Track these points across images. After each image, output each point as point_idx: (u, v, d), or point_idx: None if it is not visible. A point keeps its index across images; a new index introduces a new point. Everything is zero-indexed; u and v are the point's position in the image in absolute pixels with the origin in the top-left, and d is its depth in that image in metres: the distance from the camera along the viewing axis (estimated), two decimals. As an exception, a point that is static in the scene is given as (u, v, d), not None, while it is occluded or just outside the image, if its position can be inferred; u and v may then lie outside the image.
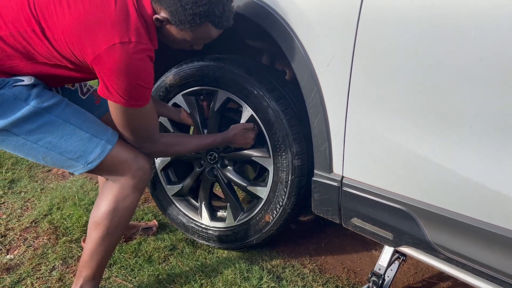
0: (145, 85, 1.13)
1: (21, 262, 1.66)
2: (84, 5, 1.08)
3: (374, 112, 1.12)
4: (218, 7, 1.12)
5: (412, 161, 1.10)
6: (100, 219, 1.27)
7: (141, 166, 1.27)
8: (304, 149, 1.42)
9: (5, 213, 2.00)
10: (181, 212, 1.80)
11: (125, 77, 1.08)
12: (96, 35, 1.06)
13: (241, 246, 1.68)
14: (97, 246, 1.29)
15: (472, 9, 0.91)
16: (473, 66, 0.93)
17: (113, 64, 1.07)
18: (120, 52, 1.06)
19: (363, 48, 1.09)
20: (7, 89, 1.13)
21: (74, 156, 1.21)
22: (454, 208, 1.05)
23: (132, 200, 1.28)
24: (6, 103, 1.12)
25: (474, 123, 0.97)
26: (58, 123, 1.18)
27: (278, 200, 1.50)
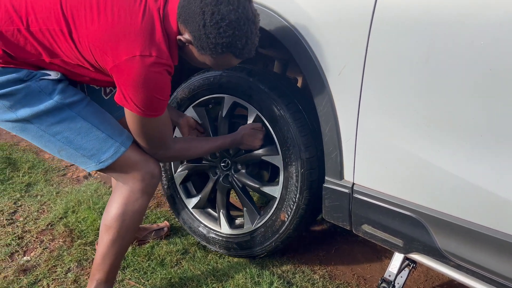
0: (161, 97, 1.17)
1: (38, 264, 1.70)
2: (113, 16, 1.12)
3: (385, 121, 1.14)
4: (241, 40, 1.12)
5: (422, 169, 1.11)
6: (111, 222, 1.31)
7: (150, 170, 1.31)
8: (311, 142, 1.44)
9: (22, 215, 2.05)
10: (202, 223, 1.82)
11: (141, 89, 1.12)
12: (119, 45, 1.10)
13: (261, 251, 1.66)
14: (108, 249, 1.33)
15: (482, 20, 0.93)
16: (483, 76, 0.95)
17: (130, 75, 1.10)
18: (139, 65, 1.09)
19: (374, 57, 1.11)
20: (34, 81, 1.18)
21: (88, 154, 1.25)
22: (464, 216, 1.07)
23: (141, 203, 1.32)
24: (31, 95, 1.18)
25: (485, 132, 0.99)
26: (77, 120, 1.23)
27: (291, 196, 1.50)
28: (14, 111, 1.18)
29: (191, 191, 1.88)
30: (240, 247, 1.70)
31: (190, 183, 1.88)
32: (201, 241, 1.83)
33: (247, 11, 1.11)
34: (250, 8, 1.13)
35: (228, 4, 1.08)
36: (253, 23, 1.13)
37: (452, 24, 0.97)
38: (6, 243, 1.82)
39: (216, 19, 1.08)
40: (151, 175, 1.32)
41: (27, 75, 1.17)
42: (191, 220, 1.85)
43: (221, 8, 1.07)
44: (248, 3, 1.13)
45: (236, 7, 1.09)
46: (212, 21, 1.08)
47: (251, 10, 1.13)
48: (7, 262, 1.71)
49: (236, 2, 1.09)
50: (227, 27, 1.08)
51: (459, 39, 0.96)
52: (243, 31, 1.11)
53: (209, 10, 1.08)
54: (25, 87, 1.17)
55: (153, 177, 1.32)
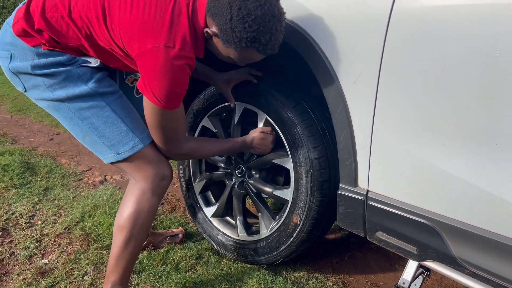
0: (178, 90, 1.21)
1: (55, 267, 1.74)
2: (144, 8, 1.18)
3: (400, 128, 1.15)
4: (265, 36, 1.16)
5: (437, 177, 1.12)
6: (123, 222, 1.36)
7: (161, 172, 1.36)
8: (319, 142, 1.45)
9: (40, 219, 2.09)
10: (220, 231, 1.84)
11: (161, 79, 1.16)
12: (146, 34, 1.16)
13: (277, 257, 1.66)
14: (122, 250, 1.37)
15: (498, 29, 0.94)
16: (499, 85, 0.96)
17: (153, 64, 1.15)
18: (162, 55, 1.14)
19: (389, 66, 1.13)
20: (75, 67, 1.29)
21: (109, 143, 1.32)
22: (479, 224, 1.07)
23: (151, 203, 1.37)
24: (70, 79, 1.28)
25: (501, 141, 0.99)
26: (106, 109, 1.31)
27: (302, 198, 1.51)
28: (52, 91, 1.29)
29: (210, 200, 1.91)
30: (257, 254, 1.71)
31: (209, 192, 1.92)
32: (220, 250, 1.84)
33: (273, 8, 1.15)
34: (277, 5, 1.17)
35: (255, 1, 1.13)
36: (278, 21, 1.17)
37: (468, 33, 0.98)
38: (25, 246, 1.86)
39: (242, 14, 1.12)
40: (161, 176, 1.37)
41: (70, 59, 1.28)
42: (210, 229, 1.87)
43: (248, 4, 1.12)
44: (275, 1, 1.17)
45: (263, 4, 1.13)
46: (238, 16, 1.13)
47: (277, 7, 1.17)
48: (26, 264, 1.75)
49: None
50: (252, 22, 1.13)
51: (474, 48, 0.97)
52: (268, 28, 1.15)
53: (237, 5, 1.13)
54: (66, 70, 1.27)
55: (163, 179, 1.37)
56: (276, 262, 1.70)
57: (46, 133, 3.37)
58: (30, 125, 3.56)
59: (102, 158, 1.36)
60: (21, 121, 3.68)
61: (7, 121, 3.68)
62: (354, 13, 1.17)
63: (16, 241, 1.90)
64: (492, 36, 0.94)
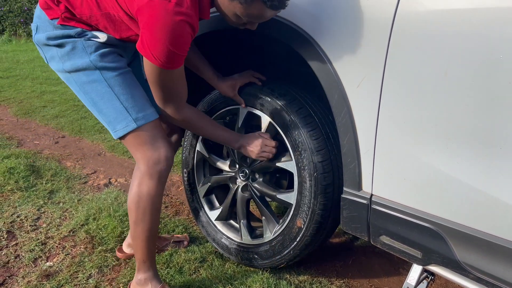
0: (176, 50, 1.17)
1: (60, 269, 1.74)
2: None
3: (404, 132, 1.15)
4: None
5: (441, 181, 1.12)
6: (129, 202, 1.43)
7: (155, 155, 1.37)
8: (323, 145, 1.45)
9: (45, 222, 2.10)
10: (224, 235, 1.84)
11: (157, 34, 1.13)
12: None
13: (280, 260, 1.66)
14: (134, 229, 1.45)
15: (501, 34, 0.94)
16: (502, 89, 0.96)
17: (150, 18, 1.13)
18: (158, 8, 1.11)
19: (393, 69, 1.13)
20: (82, 40, 1.32)
21: (107, 120, 1.37)
22: (484, 228, 1.06)
23: (149, 187, 1.38)
24: (76, 51, 1.33)
25: (504, 145, 0.99)
26: (103, 85, 1.33)
27: (305, 201, 1.51)
28: (63, 62, 1.35)
29: (214, 203, 1.91)
30: (261, 257, 1.71)
31: (213, 195, 1.92)
32: (224, 253, 1.84)
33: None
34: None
35: None
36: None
37: (471, 38, 0.98)
38: (30, 248, 1.87)
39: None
40: (156, 160, 1.37)
41: (79, 33, 1.32)
42: (214, 232, 1.87)
43: None
44: None
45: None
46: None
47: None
48: (30, 267, 1.76)
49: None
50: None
51: (477, 52, 0.98)
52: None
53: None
54: (73, 41, 1.32)
55: (158, 162, 1.37)
56: (280, 266, 1.70)
57: (51, 136, 3.39)
58: (35, 128, 3.58)
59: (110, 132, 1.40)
60: (26, 124, 3.70)
61: (13, 124, 3.71)
62: (358, 17, 1.17)
63: (21, 244, 1.91)
64: (496, 39, 0.95)
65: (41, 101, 4.33)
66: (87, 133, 3.44)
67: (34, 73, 5.59)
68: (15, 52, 7.34)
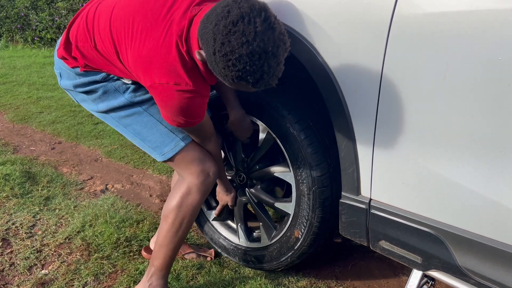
0: (189, 119, 1.25)
1: (55, 277, 1.72)
2: (139, 44, 1.19)
3: (402, 137, 1.14)
4: (255, 75, 1.01)
5: (441, 185, 1.11)
6: (167, 212, 1.44)
7: (205, 169, 1.42)
8: (321, 159, 1.43)
9: (40, 229, 2.08)
10: (222, 235, 1.84)
11: (168, 112, 1.23)
12: (143, 73, 1.20)
13: (278, 265, 1.67)
14: (164, 237, 1.46)
15: (500, 36, 0.93)
16: (501, 92, 0.95)
17: (156, 98, 1.23)
18: (160, 90, 1.18)
19: (391, 73, 1.12)
20: (111, 82, 1.38)
21: (153, 146, 1.42)
22: (484, 233, 1.05)
23: (194, 198, 1.42)
24: (108, 93, 1.39)
25: (505, 148, 0.98)
26: (144, 115, 1.39)
27: (303, 214, 1.50)
28: (96, 104, 1.42)
29: (211, 203, 1.90)
30: (258, 261, 1.71)
31: (211, 195, 1.89)
32: (222, 252, 1.85)
33: (266, 43, 0.98)
34: (272, 38, 0.99)
35: (242, 36, 0.96)
36: (273, 56, 1.00)
37: (470, 40, 0.97)
38: (25, 256, 1.85)
39: (225, 51, 0.98)
40: (206, 173, 1.42)
41: (105, 77, 1.37)
42: (212, 232, 1.87)
43: (231, 40, 0.97)
44: (271, 32, 0.99)
45: (251, 39, 0.96)
46: (221, 52, 0.99)
47: (273, 41, 0.99)
48: (25, 275, 1.74)
49: (252, 33, 0.96)
50: (236, 61, 0.98)
51: (476, 55, 0.97)
52: (257, 66, 0.99)
53: (220, 39, 0.98)
54: (102, 86, 1.38)
55: (208, 176, 1.43)
56: (278, 270, 1.70)
57: (47, 142, 3.36)
58: (32, 134, 3.56)
59: (154, 157, 1.44)
60: (23, 130, 3.68)
61: (9, 130, 3.68)
62: (355, 21, 1.17)
63: (16, 252, 1.89)
64: (495, 42, 0.94)
65: (37, 107, 4.31)
66: (83, 138, 3.42)
67: (30, 79, 5.57)
68: (12, 58, 7.32)
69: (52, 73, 5.88)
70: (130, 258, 1.84)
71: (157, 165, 2.87)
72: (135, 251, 1.89)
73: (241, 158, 1.69)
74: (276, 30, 1.00)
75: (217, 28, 0.99)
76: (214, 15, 1.02)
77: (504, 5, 0.92)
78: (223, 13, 0.99)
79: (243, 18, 0.97)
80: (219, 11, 1.01)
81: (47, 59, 7.05)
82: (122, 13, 1.24)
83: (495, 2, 0.93)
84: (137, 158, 3.00)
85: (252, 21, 0.97)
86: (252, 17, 0.97)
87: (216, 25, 1.00)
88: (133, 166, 2.90)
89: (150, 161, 2.94)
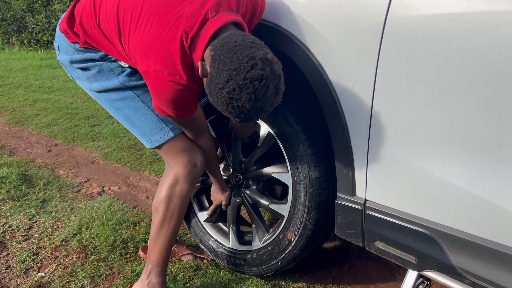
0: (179, 112, 1.24)
1: (52, 280, 1.72)
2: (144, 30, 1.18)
3: (397, 137, 1.15)
4: (243, 118, 1.09)
5: (435, 186, 1.11)
6: (157, 204, 1.46)
7: (193, 159, 1.44)
8: (321, 161, 1.44)
9: (37, 231, 2.08)
10: (212, 237, 1.83)
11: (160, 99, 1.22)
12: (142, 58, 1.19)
13: (267, 269, 1.65)
14: (157, 230, 1.47)
15: (492, 37, 0.94)
16: (493, 92, 0.96)
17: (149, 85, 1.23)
18: (153, 78, 1.18)
19: (385, 75, 1.13)
20: (108, 62, 1.38)
21: (141, 132, 1.43)
22: (478, 232, 1.06)
23: (182, 188, 1.43)
24: (103, 73, 1.39)
25: (497, 148, 0.99)
26: (136, 100, 1.40)
27: (298, 215, 1.50)
28: (90, 83, 1.43)
29: (203, 204, 1.90)
30: (248, 264, 1.70)
31: (203, 196, 1.90)
32: (210, 255, 1.84)
33: (266, 103, 1.07)
34: (272, 101, 1.08)
35: (253, 93, 1.03)
36: (263, 112, 1.09)
37: (462, 41, 0.98)
38: (22, 259, 1.85)
39: (232, 95, 1.04)
40: (193, 163, 1.44)
41: (102, 57, 1.38)
42: (202, 234, 1.86)
43: (243, 91, 1.03)
44: (274, 97, 1.07)
45: (259, 98, 1.04)
46: (229, 94, 1.04)
47: (271, 103, 1.08)
48: (22, 278, 1.73)
49: (261, 94, 1.04)
50: (236, 107, 1.06)
51: (469, 56, 0.98)
52: (249, 116, 1.08)
53: (233, 84, 1.03)
54: (98, 64, 1.39)
55: (194, 166, 1.44)
56: (266, 275, 1.69)
57: (44, 145, 3.36)
58: (28, 137, 3.55)
59: (143, 142, 1.46)
60: (19, 132, 3.67)
61: (5, 133, 3.67)
62: (349, 22, 1.17)
63: (12, 254, 1.89)
64: (487, 43, 0.95)
65: (34, 109, 4.30)
66: (80, 141, 3.42)
67: (27, 81, 5.56)
68: (8, 61, 7.30)
69: (48, 76, 5.88)
70: (126, 260, 1.84)
71: (154, 167, 2.87)
72: (132, 253, 1.89)
73: (239, 158, 1.70)
74: (279, 95, 1.10)
75: (236, 73, 1.03)
76: (237, 57, 1.03)
77: (495, 7, 0.93)
78: (247, 65, 1.03)
79: (261, 80, 1.03)
80: (244, 59, 1.03)
81: (43, 62, 7.03)
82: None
83: (487, 4, 0.94)
84: (134, 160, 3.00)
85: (267, 85, 1.05)
86: (269, 82, 1.05)
87: (236, 70, 1.03)
88: (130, 168, 2.90)
89: (147, 163, 2.94)
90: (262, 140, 1.58)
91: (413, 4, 1.05)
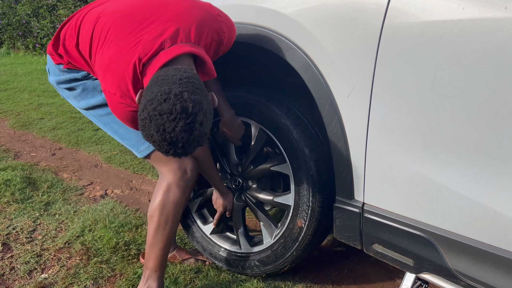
0: (136, 128, 1.22)
1: (55, 281, 1.74)
2: (104, 52, 1.23)
3: (394, 141, 1.17)
4: (155, 145, 1.06)
5: (431, 189, 1.13)
6: (152, 211, 1.48)
7: (182, 165, 1.46)
8: (315, 145, 1.48)
9: (40, 234, 2.10)
10: (221, 247, 1.82)
11: (117, 117, 1.30)
12: (101, 79, 1.27)
13: (284, 264, 1.64)
14: (153, 237, 1.49)
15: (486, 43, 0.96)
16: (488, 98, 0.98)
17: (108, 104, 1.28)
18: (108, 98, 1.26)
19: (382, 80, 1.15)
20: (90, 80, 1.46)
21: (130, 143, 1.49)
22: (473, 235, 1.07)
23: (175, 195, 1.46)
24: (87, 91, 1.47)
25: (492, 153, 1.00)
26: None
27: (304, 200, 1.51)
28: (78, 101, 1.51)
29: (207, 217, 1.90)
30: (263, 264, 1.69)
31: (205, 209, 1.90)
32: (224, 266, 1.81)
33: (176, 139, 1.02)
34: (181, 136, 1.02)
35: (161, 125, 1.01)
36: (179, 148, 1.05)
37: (457, 48, 1.00)
38: (25, 260, 1.87)
39: (143, 124, 1.04)
40: (183, 170, 1.46)
41: (85, 76, 1.45)
42: (211, 246, 1.85)
43: (152, 122, 1.01)
44: (187, 135, 1.03)
45: (167, 132, 1.01)
46: (141, 122, 1.05)
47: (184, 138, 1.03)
48: (25, 279, 1.76)
49: (170, 128, 1.01)
50: (148, 137, 1.05)
51: (463, 63, 1.00)
52: (162, 147, 1.05)
53: (145, 113, 1.03)
54: (82, 84, 1.46)
55: (185, 172, 1.46)
56: (283, 270, 1.68)
57: (48, 148, 3.39)
58: (32, 140, 3.59)
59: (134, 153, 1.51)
60: (23, 136, 3.71)
61: (10, 136, 3.71)
62: (347, 28, 1.20)
63: (16, 256, 1.91)
64: (481, 50, 0.97)
65: (38, 113, 4.34)
66: (84, 144, 3.45)
67: (31, 86, 5.61)
68: (13, 65, 7.37)
69: (53, 80, 5.92)
70: (128, 262, 1.86)
71: (156, 171, 2.89)
72: (134, 255, 1.91)
73: (235, 162, 1.72)
74: (193, 134, 1.04)
75: (149, 104, 1.02)
76: (157, 89, 1.03)
77: (488, 15, 0.95)
78: (161, 98, 1.01)
79: (170, 114, 1.00)
80: (159, 92, 1.02)
81: (48, 66, 7.09)
82: (106, 19, 1.26)
83: (481, 11, 0.97)
84: (137, 164, 3.03)
85: (176, 121, 1.01)
86: (179, 118, 1.01)
87: (150, 101, 1.02)
88: (133, 171, 2.93)
89: (149, 166, 2.97)
90: (255, 138, 1.61)
91: (410, 11, 1.07)
